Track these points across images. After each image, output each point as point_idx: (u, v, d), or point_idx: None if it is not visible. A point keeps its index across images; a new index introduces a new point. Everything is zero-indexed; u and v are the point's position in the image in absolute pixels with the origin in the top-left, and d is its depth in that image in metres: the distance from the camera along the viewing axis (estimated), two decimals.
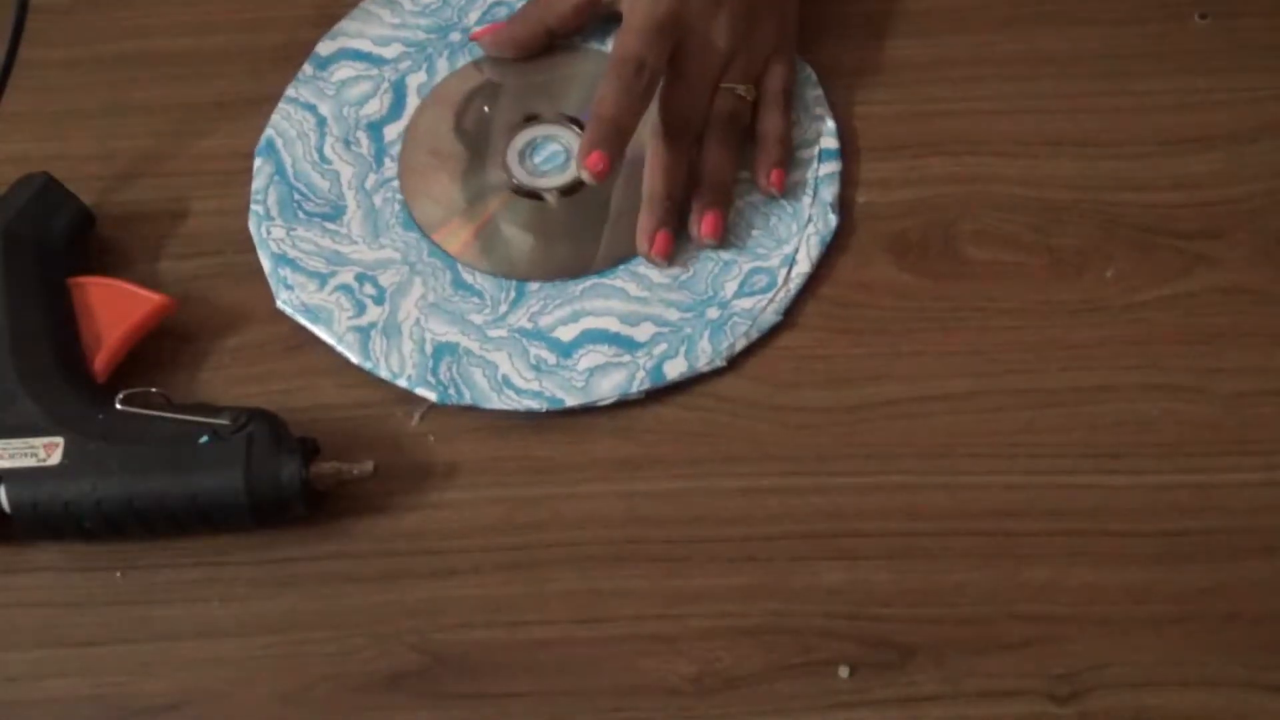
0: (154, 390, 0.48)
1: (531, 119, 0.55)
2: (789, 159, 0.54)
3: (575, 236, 0.53)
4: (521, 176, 0.54)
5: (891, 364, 0.50)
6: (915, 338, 0.51)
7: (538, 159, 0.54)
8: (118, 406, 0.47)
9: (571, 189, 0.54)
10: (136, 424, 0.47)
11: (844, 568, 0.47)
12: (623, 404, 0.50)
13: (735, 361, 0.51)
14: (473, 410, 0.50)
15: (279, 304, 0.52)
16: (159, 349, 0.51)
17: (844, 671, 0.45)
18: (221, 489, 0.45)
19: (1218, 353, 0.50)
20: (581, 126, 0.55)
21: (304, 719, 0.45)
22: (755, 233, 0.53)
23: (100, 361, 0.49)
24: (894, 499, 0.48)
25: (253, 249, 0.53)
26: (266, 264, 0.52)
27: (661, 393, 0.50)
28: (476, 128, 0.56)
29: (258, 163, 0.55)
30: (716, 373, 0.50)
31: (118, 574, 0.47)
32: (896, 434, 0.49)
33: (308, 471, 0.46)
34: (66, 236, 0.51)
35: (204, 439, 0.46)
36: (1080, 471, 0.48)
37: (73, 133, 0.55)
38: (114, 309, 0.50)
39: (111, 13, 0.59)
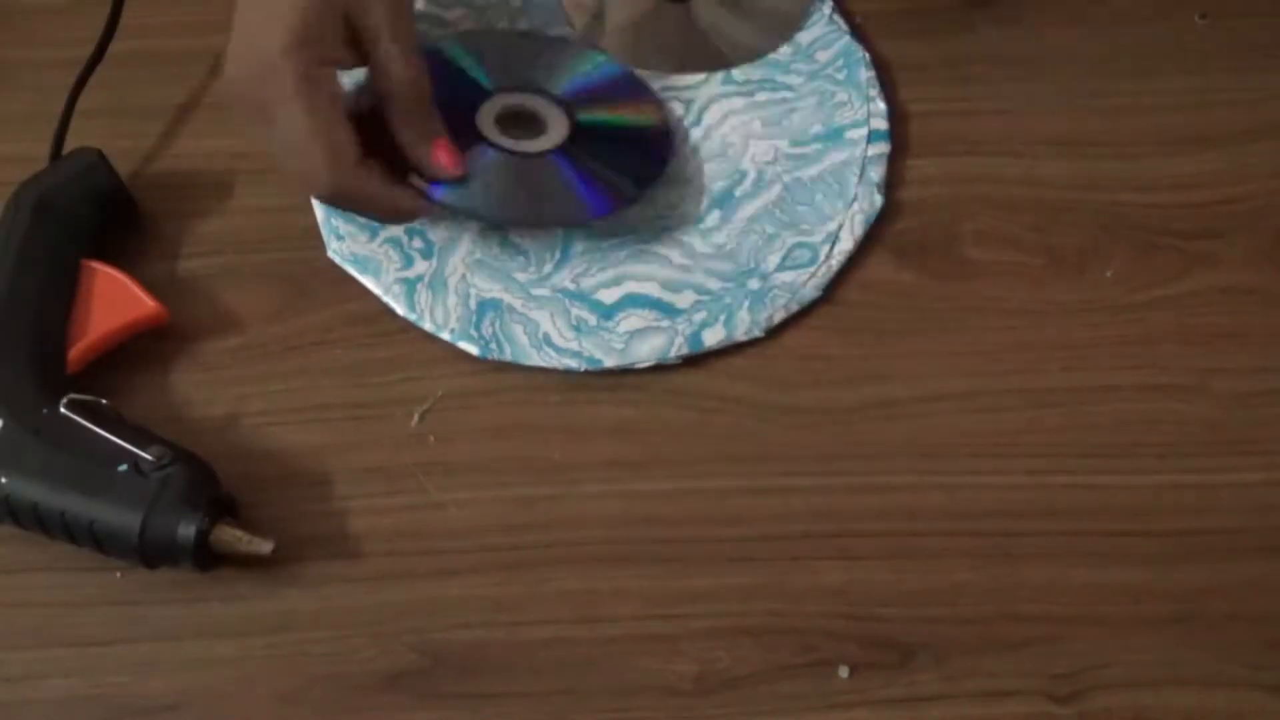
0: (104, 402, 0.47)
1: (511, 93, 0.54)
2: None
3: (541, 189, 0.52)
4: (502, 142, 0.52)
5: (891, 364, 0.50)
6: (915, 338, 0.51)
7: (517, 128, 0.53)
8: (60, 409, 0.46)
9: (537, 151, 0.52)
10: (71, 430, 0.46)
11: (844, 568, 0.47)
12: (623, 404, 0.50)
13: (733, 362, 0.51)
14: (473, 409, 0.50)
15: (329, 253, 0.52)
16: (160, 348, 0.51)
17: (844, 671, 0.45)
18: (118, 524, 0.45)
19: (1218, 353, 0.50)
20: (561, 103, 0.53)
21: (304, 719, 0.45)
22: (801, 209, 0.53)
23: (76, 352, 0.48)
24: (894, 499, 0.48)
25: (252, 249, 0.53)
26: (319, 214, 0.53)
27: (663, 392, 0.50)
28: (459, 97, 0.53)
29: None
30: (717, 372, 0.50)
31: (117, 574, 0.47)
32: (896, 434, 0.49)
33: (208, 534, 0.45)
34: (98, 218, 0.51)
35: (123, 467, 0.45)
36: (1080, 471, 0.48)
37: (73, 132, 0.54)
38: (108, 303, 0.50)
39: None
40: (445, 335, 0.51)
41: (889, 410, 0.49)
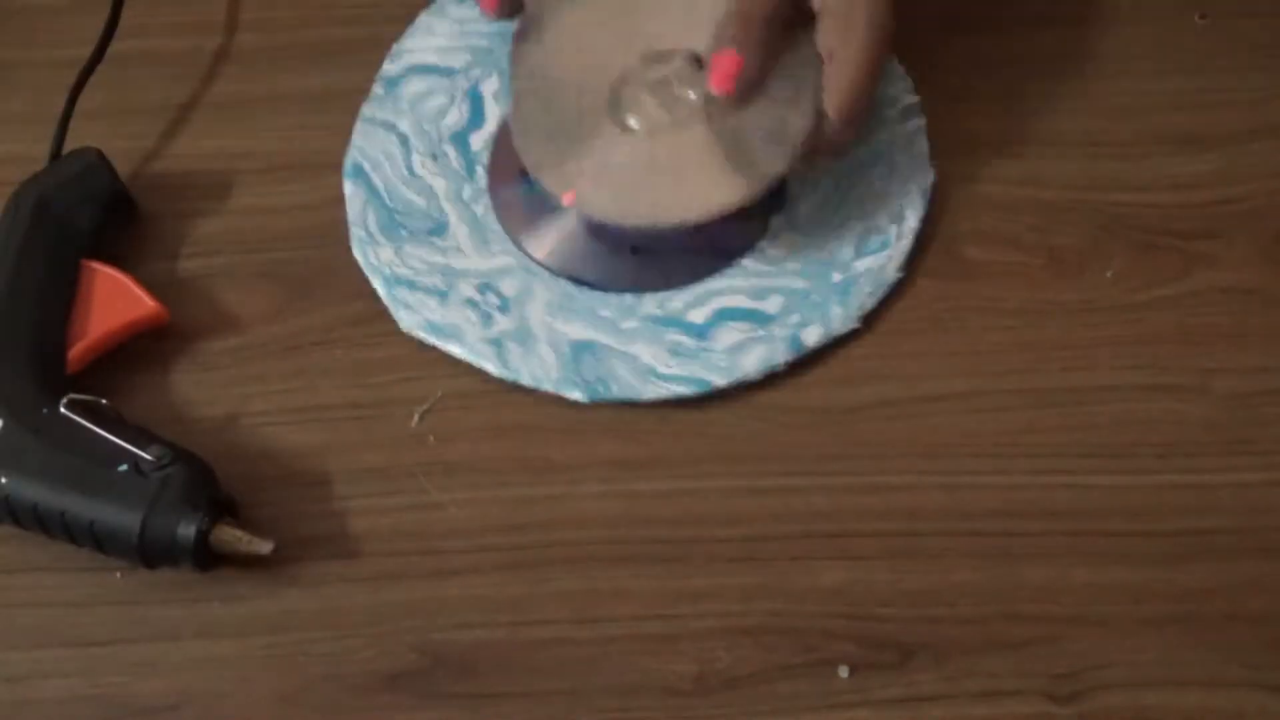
0: (104, 402, 0.47)
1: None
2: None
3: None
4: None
5: (891, 364, 0.50)
6: (915, 338, 0.51)
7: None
8: (60, 409, 0.46)
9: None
10: (71, 430, 0.46)
11: (844, 568, 0.47)
12: (623, 403, 0.50)
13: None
14: (473, 409, 0.50)
15: (403, 328, 0.51)
16: (160, 348, 0.51)
17: (844, 671, 0.45)
18: (118, 524, 0.44)
19: (1218, 353, 0.50)
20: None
21: (303, 719, 0.45)
22: (858, 194, 0.53)
23: (75, 352, 0.48)
24: (894, 499, 0.48)
25: (252, 249, 0.53)
26: (381, 289, 0.51)
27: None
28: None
29: (348, 188, 0.54)
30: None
31: (118, 574, 0.47)
32: (896, 434, 0.49)
33: (208, 534, 0.45)
34: (97, 218, 0.51)
35: (123, 467, 0.45)
36: (1080, 471, 0.48)
37: (73, 133, 0.55)
38: (108, 303, 0.50)
39: None
40: (548, 387, 0.49)
41: (889, 410, 0.49)
